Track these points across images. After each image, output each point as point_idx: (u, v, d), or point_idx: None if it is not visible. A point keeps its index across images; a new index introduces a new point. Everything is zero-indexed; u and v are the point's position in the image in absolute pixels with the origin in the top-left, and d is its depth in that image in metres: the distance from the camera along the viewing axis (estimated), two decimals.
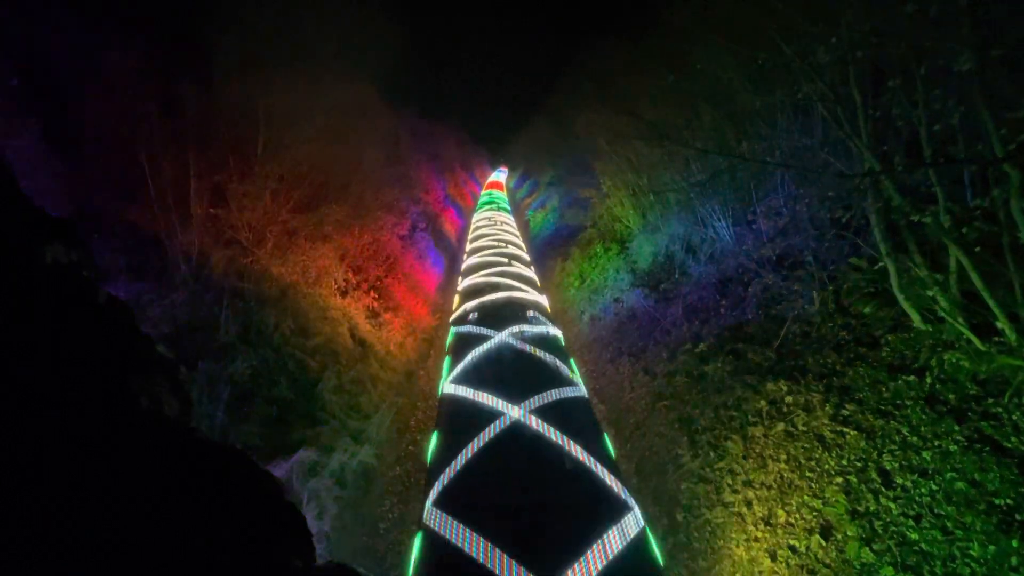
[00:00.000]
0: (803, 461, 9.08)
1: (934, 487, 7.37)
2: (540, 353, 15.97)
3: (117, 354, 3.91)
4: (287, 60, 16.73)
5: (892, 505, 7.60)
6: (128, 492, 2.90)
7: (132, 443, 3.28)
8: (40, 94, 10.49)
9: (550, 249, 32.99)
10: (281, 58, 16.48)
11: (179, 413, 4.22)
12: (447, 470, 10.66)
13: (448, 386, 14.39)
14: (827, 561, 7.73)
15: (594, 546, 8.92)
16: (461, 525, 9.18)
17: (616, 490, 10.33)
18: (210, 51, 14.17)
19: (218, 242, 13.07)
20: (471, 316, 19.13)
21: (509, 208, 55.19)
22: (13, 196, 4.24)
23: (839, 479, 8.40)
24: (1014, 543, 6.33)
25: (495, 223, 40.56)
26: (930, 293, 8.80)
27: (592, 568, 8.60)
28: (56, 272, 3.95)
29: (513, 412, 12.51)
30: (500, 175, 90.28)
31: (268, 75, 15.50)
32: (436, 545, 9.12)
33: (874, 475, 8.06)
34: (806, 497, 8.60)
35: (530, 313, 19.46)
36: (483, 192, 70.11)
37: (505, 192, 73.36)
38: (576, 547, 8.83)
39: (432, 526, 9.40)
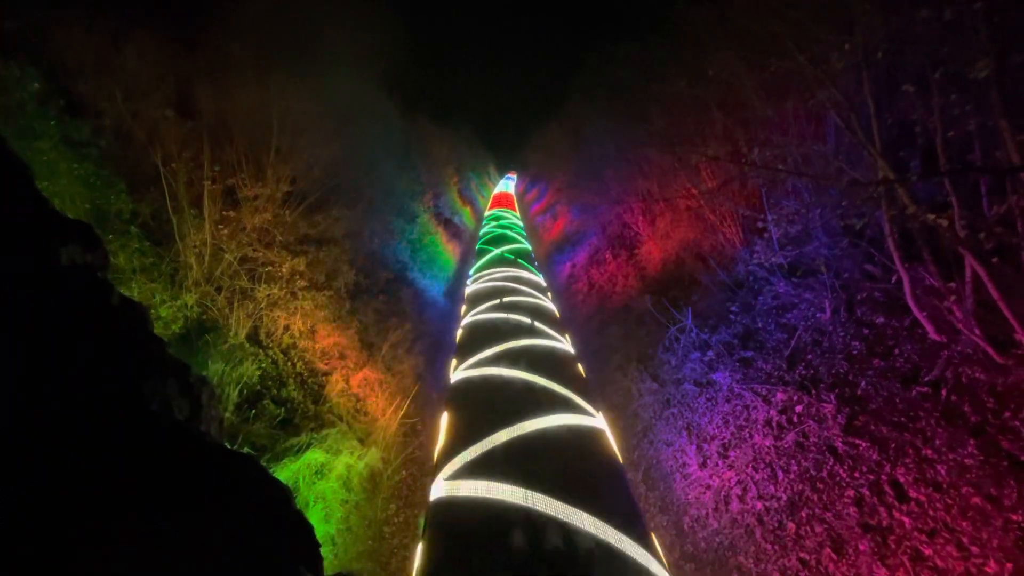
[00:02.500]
0: (814, 472, 8.93)
1: (949, 501, 7.21)
2: None
3: (129, 356, 3.92)
4: (301, 65, 16.96)
5: (905, 519, 7.45)
6: (136, 497, 2.89)
7: (141, 447, 3.27)
8: (59, 96, 10.69)
9: (559, 254, 32.96)
10: (295, 63, 16.70)
11: (189, 416, 4.21)
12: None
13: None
14: (839, 575, 7.59)
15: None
16: None
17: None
18: (226, 56, 14.40)
19: (230, 244, 13.19)
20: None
21: (526, 240, 37.36)
22: (31, 197, 4.27)
23: (851, 491, 8.25)
24: None
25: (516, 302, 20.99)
26: (945, 303, 8.65)
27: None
28: (71, 273, 3.97)
29: None
30: (509, 183, 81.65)
31: (282, 80, 15.70)
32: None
33: (887, 488, 7.91)
34: (816, 510, 8.45)
35: None
36: (488, 214, 50.24)
37: (516, 208, 57.08)
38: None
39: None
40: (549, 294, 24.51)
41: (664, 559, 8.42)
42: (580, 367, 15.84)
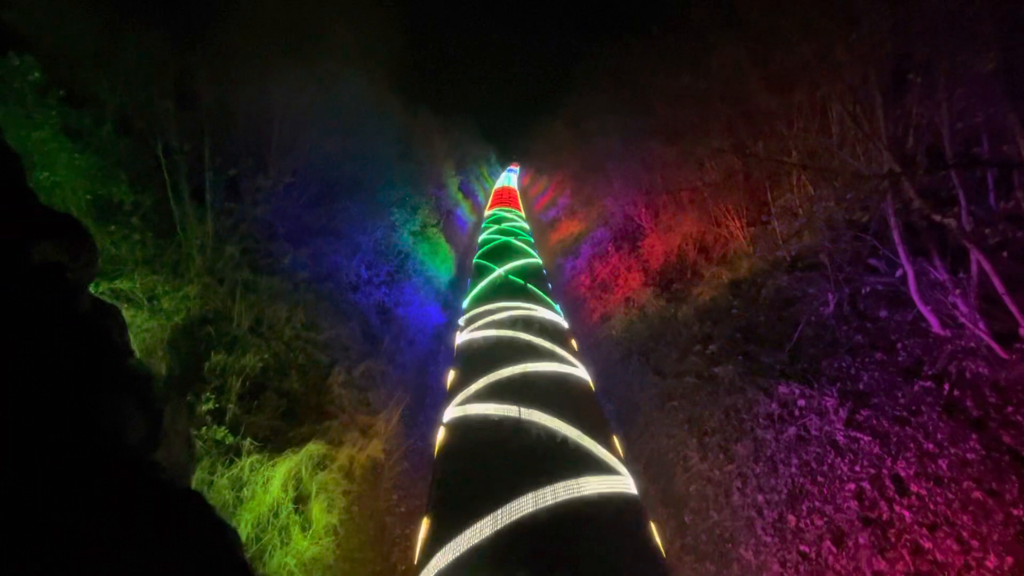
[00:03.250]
0: (815, 466, 8.95)
1: (950, 496, 7.21)
2: None
3: (82, 371, 3.45)
4: (303, 56, 16.84)
5: (906, 513, 7.46)
6: (60, 539, 2.55)
7: (75, 480, 2.85)
8: (60, 86, 10.64)
9: (561, 246, 32.93)
10: (296, 54, 16.59)
11: (145, 438, 3.63)
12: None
13: None
14: (838, 568, 7.61)
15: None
16: None
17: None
18: (227, 47, 14.30)
19: (232, 235, 13.19)
20: None
21: (535, 250, 30.24)
22: (14, 191, 3.99)
23: (852, 485, 8.26)
24: None
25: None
26: (950, 298, 8.61)
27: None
28: (35, 275, 3.62)
29: None
30: (511, 176, 78.00)
31: (283, 70, 15.62)
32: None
33: (888, 482, 7.92)
34: (817, 503, 8.47)
35: None
36: (488, 214, 43.39)
37: (520, 206, 50.31)
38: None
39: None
40: (574, 341, 17.95)
41: None
42: (660, 543, 9.55)
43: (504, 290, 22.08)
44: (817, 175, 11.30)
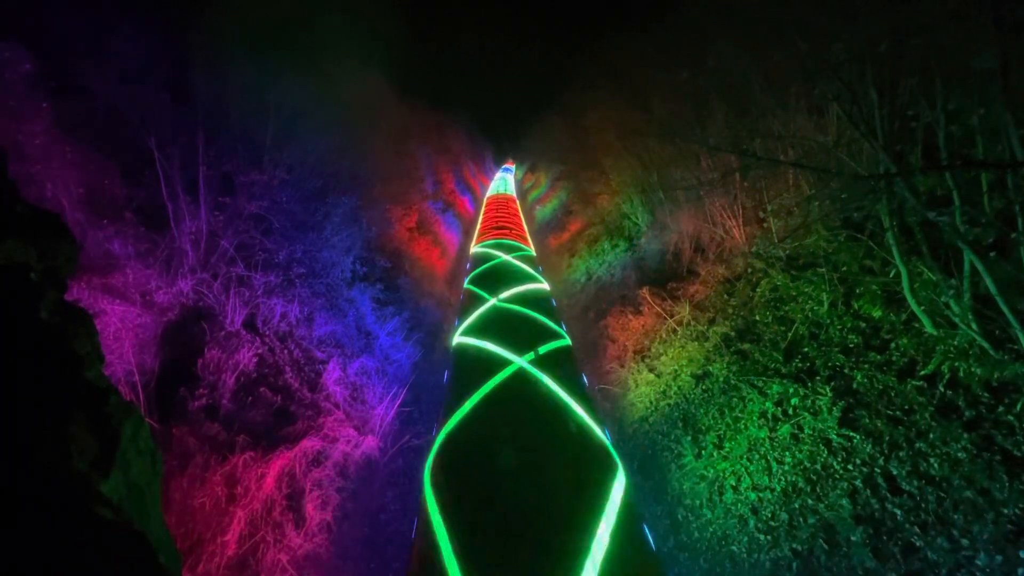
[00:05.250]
0: (808, 464, 8.98)
1: (941, 495, 7.26)
2: None
3: (29, 387, 3.14)
4: (298, 51, 16.68)
5: (898, 511, 7.50)
6: None
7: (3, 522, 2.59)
8: (51, 78, 10.51)
9: (559, 244, 32.91)
10: (292, 48, 16.43)
11: (95, 461, 3.22)
12: None
13: None
14: (830, 566, 7.65)
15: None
16: None
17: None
18: (221, 41, 14.14)
19: (226, 230, 13.10)
20: None
21: (594, 410, 13.18)
22: None
23: (844, 484, 8.30)
24: (1021, 553, 6.22)
25: None
26: (943, 298, 8.64)
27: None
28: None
29: None
30: (507, 178, 72.67)
31: (279, 65, 15.47)
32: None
33: (880, 481, 7.96)
34: (810, 501, 8.51)
35: None
36: (476, 252, 30.68)
37: (522, 221, 39.94)
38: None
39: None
40: None
41: None
42: None
43: None
44: (814, 174, 11.30)
